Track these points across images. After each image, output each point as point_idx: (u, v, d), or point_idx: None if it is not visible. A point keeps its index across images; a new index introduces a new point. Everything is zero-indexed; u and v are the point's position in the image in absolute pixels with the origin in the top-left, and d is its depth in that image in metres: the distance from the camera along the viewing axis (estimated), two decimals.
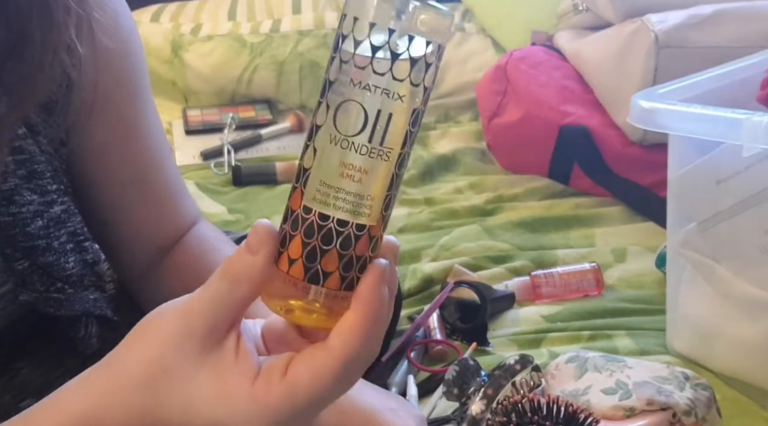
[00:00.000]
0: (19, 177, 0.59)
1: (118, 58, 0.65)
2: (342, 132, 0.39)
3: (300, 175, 0.40)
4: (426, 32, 0.38)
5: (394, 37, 0.37)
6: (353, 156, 0.39)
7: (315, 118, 0.40)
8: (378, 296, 0.40)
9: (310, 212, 0.40)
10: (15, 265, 0.60)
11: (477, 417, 0.84)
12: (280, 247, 0.41)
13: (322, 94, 0.39)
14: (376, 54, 0.37)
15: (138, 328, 0.43)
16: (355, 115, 0.38)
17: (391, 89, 0.38)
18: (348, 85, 0.38)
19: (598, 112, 1.53)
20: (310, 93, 1.98)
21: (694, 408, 0.85)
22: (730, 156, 0.92)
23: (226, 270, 0.41)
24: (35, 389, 0.69)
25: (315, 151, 0.39)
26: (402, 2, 0.37)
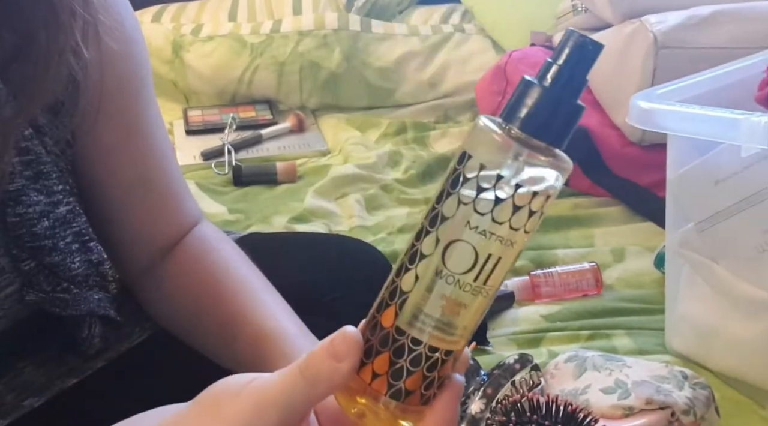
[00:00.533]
0: (26, 178, 0.60)
1: (122, 59, 0.65)
2: (450, 269, 0.39)
3: (395, 294, 0.40)
4: (546, 188, 0.39)
5: (519, 191, 0.38)
6: (457, 292, 0.40)
7: (420, 245, 0.39)
8: (453, 414, 0.42)
9: (403, 334, 0.40)
10: (21, 265, 0.60)
11: (476, 416, 0.85)
12: (364, 357, 0.41)
13: (431, 224, 0.39)
14: (497, 204, 0.38)
15: (206, 403, 0.41)
16: (467, 257, 0.39)
17: (506, 237, 0.39)
18: (464, 227, 0.39)
19: (597, 113, 1.53)
20: (311, 93, 1.98)
21: (693, 407, 0.86)
22: (728, 156, 0.92)
23: (308, 367, 0.40)
24: (37, 389, 0.70)
25: (417, 279, 0.40)
26: (529, 154, 0.38)
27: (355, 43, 1.97)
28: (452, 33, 2.02)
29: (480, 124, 0.39)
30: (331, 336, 0.41)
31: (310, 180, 1.65)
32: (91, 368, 0.72)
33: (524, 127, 0.38)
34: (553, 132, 0.39)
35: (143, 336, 0.76)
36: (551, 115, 0.39)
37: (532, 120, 0.39)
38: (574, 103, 0.39)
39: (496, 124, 0.39)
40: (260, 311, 0.66)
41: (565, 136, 0.40)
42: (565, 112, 0.39)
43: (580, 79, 0.39)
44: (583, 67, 0.39)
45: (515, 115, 0.39)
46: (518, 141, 0.38)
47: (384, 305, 0.41)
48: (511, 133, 0.39)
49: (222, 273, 0.70)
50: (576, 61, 0.39)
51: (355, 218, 1.49)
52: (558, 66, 0.39)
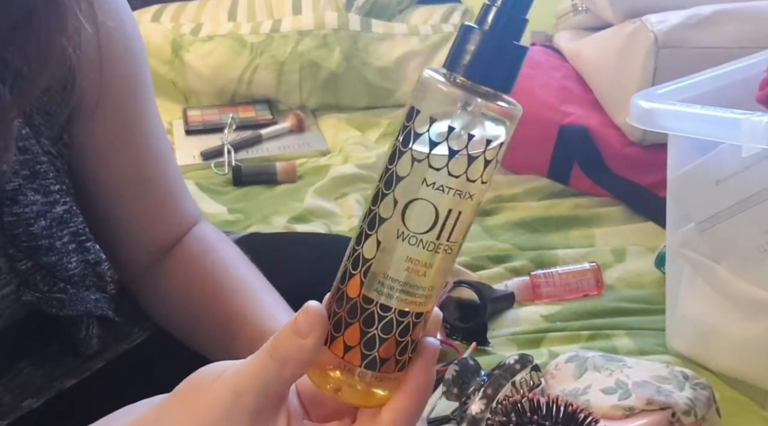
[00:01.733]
0: (23, 177, 0.59)
1: (120, 57, 0.65)
2: (411, 229, 0.38)
3: (359, 262, 0.39)
4: (501, 134, 0.38)
5: (472, 141, 0.37)
6: (420, 252, 0.39)
7: (378, 209, 0.38)
8: (429, 378, 0.42)
9: (371, 302, 0.40)
10: (18, 265, 0.60)
11: (477, 416, 0.84)
12: (333, 331, 0.41)
13: (387, 186, 0.38)
14: (452, 157, 0.37)
15: (185, 392, 0.42)
16: (427, 215, 0.38)
17: (464, 190, 0.38)
18: (420, 185, 0.37)
19: (597, 113, 1.53)
20: (310, 93, 1.98)
21: (694, 407, 0.85)
22: (729, 156, 0.92)
23: (275, 348, 0.40)
24: (36, 389, 0.69)
25: (378, 244, 0.39)
26: (477, 103, 0.37)
27: (355, 42, 1.97)
28: (452, 33, 2.01)
29: (424, 75, 0.38)
30: (295, 314, 0.41)
31: (309, 180, 1.65)
32: (90, 369, 0.72)
33: (468, 74, 0.38)
34: (498, 77, 0.38)
35: (142, 337, 0.76)
36: (494, 60, 0.38)
37: (475, 66, 0.38)
38: (516, 45, 0.39)
39: (440, 74, 0.38)
40: (260, 311, 0.66)
41: (512, 80, 0.39)
42: (507, 56, 0.38)
43: (520, 19, 0.39)
44: (521, 6, 0.39)
45: (458, 62, 0.38)
46: (464, 89, 0.37)
47: (348, 275, 0.40)
48: (456, 81, 0.38)
49: (221, 273, 0.70)
50: (514, 1, 0.38)
51: (355, 218, 1.49)
52: (496, 8, 0.38)
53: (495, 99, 0.38)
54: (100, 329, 0.67)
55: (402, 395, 0.41)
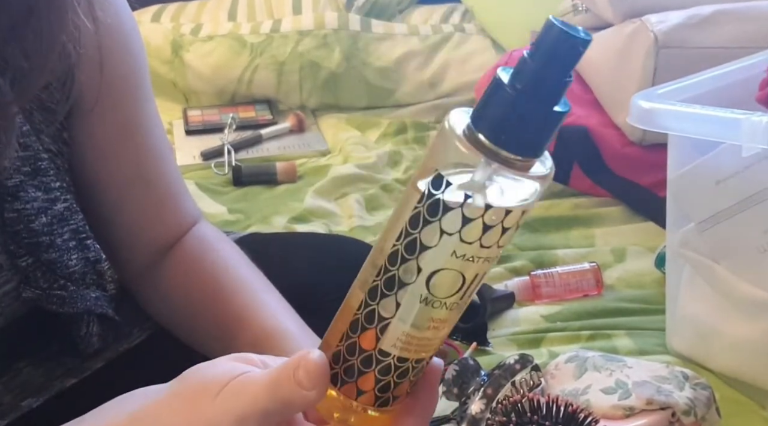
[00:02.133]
0: (24, 173, 0.60)
1: (119, 56, 0.65)
2: (436, 295, 0.37)
3: (374, 318, 0.38)
4: (529, 199, 0.37)
5: (509, 215, 0.36)
6: (443, 312, 0.38)
7: (398, 271, 0.37)
8: (435, 397, 0.42)
9: (388, 355, 0.39)
10: (19, 261, 0.60)
11: (477, 416, 0.84)
12: (344, 375, 0.40)
13: (409, 251, 0.36)
14: (486, 231, 0.35)
15: (184, 397, 0.41)
16: (453, 282, 0.37)
17: (492, 256, 0.37)
18: (449, 256, 0.36)
19: (597, 112, 1.53)
20: (310, 93, 1.98)
21: (694, 407, 0.85)
22: (729, 156, 0.92)
23: (277, 387, 0.39)
24: (36, 389, 0.69)
25: (398, 306, 0.38)
26: (507, 177, 0.35)
27: (355, 42, 1.97)
28: (452, 33, 2.01)
29: (449, 129, 0.35)
30: (296, 360, 0.40)
31: (310, 180, 1.65)
32: (90, 368, 0.72)
33: (505, 145, 0.34)
34: (529, 145, 0.35)
35: (142, 336, 0.76)
36: (525, 126, 0.34)
37: (507, 135, 0.34)
38: (552, 109, 0.34)
39: (467, 136, 0.35)
40: (260, 311, 0.66)
41: (543, 146, 0.35)
42: (540, 122, 0.34)
43: (560, 80, 0.34)
44: (564, 66, 0.33)
45: (489, 125, 0.34)
46: (495, 157, 0.34)
47: (362, 328, 0.39)
48: (485, 148, 0.34)
49: (221, 272, 0.70)
50: (556, 60, 0.33)
51: (355, 218, 1.49)
52: (534, 65, 0.33)
53: (525, 167, 0.35)
54: (101, 327, 0.67)
55: (412, 417, 0.42)
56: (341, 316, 0.41)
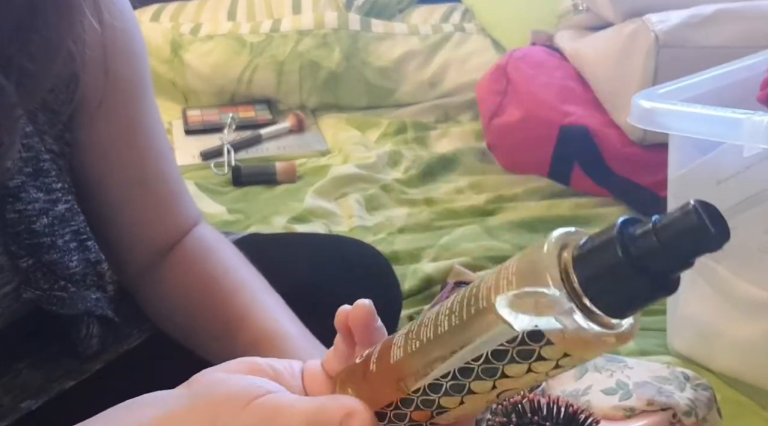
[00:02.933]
0: (26, 174, 0.59)
1: (123, 58, 0.65)
2: (499, 400, 0.39)
3: (433, 405, 0.40)
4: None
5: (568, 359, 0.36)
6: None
7: (470, 383, 0.38)
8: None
9: (435, 423, 0.41)
10: (20, 262, 0.60)
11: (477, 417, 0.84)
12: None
13: (488, 375, 0.37)
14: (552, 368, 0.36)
15: (203, 409, 0.39)
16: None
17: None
18: (527, 383, 0.37)
19: (598, 112, 1.53)
20: (310, 93, 1.98)
21: (695, 408, 0.85)
22: (730, 156, 0.92)
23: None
24: (35, 391, 0.69)
25: (461, 403, 0.39)
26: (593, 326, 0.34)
27: (354, 42, 1.96)
28: (452, 32, 2.01)
29: (546, 264, 0.34)
30: (339, 406, 0.39)
31: (309, 180, 1.65)
32: (89, 370, 0.72)
33: (593, 297, 0.33)
34: (616, 308, 0.33)
35: (141, 338, 0.76)
36: (622, 292, 0.33)
37: (610, 302, 0.33)
38: (656, 288, 0.32)
39: (560, 269, 0.33)
40: (259, 312, 0.66)
41: (629, 313, 0.34)
42: (639, 295, 0.33)
43: (677, 265, 0.32)
44: (687, 254, 0.32)
45: (588, 273, 0.33)
46: (577, 301, 0.33)
47: (416, 407, 0.40)
48: (573, 289, 0.33)
49: (221, 274, 0.69)
50: (681, 245, 0.31)
51: (355, 218, 1.49)
52: (657, 241, 0.31)
53: (601, 322, 0.34)
54: (100, 329, 0.67)
55: None
56: (385, 380, 0.41)
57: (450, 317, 0.38)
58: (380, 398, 0.41)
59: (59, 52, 0.55)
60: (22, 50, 0.54)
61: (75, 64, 0.59)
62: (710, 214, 0.31)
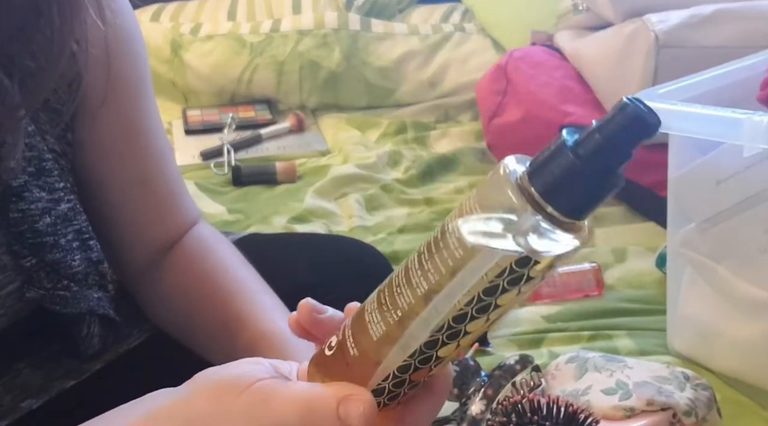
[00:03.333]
0: (28, 174, 0.60)
1: (124, 57, 0.65)
2: (490, 328, 0.41)
3: (431, 360, 0.40)
4: (561, 259, 0.38)
5: (556, 271, 0.38)
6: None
7: (465, 327, 0.39)
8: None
9: (432, 376, 0.42)
10: (23, 262, 0.60)
11: (477, 417, 0.84)
12: (387, 401, 0.42)
13: (481, 312, 0.38)
14: (541, 281, 0.38)
15: (203, 391, 0.40)
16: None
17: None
18: (515, 304, 0.39)
19: (598, 112, 1.53)
20: (310, 93, 1.98)
21: (695, 408, 0.85)
22: (730, 156, 0.92)
23: (309, 416, 0.39)
24: (36, 390, 0.69)
25: (458, 346, 0.40)
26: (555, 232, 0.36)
27: (354, 42, 1.97)
28: (452, 32, 2.01)
29: (503, 184, 0.36)
30: (343, 394, 0.39)
31: (309, 180, 1.65)
32: (90, 370, 0.72)
33: (553, 202, 0.36)
34: (576, 208, 0.36)
35: (141, 338, 0.76)
36: (577, 191, 0.36)
37: (559, 195, 0.36)
38: (607, 182, 0.36)
39: (519, 186, 0.36)
40: (258, 313, 0.66)
41: (588, 212, 0.37)
42: (593, 190, 0.36)
43: (623, 155, 0.36)
44: (629, 142, 0.36)
45: (544, 181, 0.36)
46: (541, 211, 0.36)
47: (414, 368, 0.41)
48: (534, 201, 0.36)
49: (220, 274, 0.70)
50: (622, 136, 0.35)
51: (355, 218, 1.49)
52: (601, 138, 0.35)
53: (566, 226, 0.36)
54: (101, 328, 0.67)
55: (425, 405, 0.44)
56: (373, 359, 0.41)
57: (427, 275, 0.38)
58: (371, 378, 0.41)
59: (62, 51, 0.55)
60: (25, 50, 0.54)
61: (78, 64, 0.59)
62: (642, 106, 0.34)
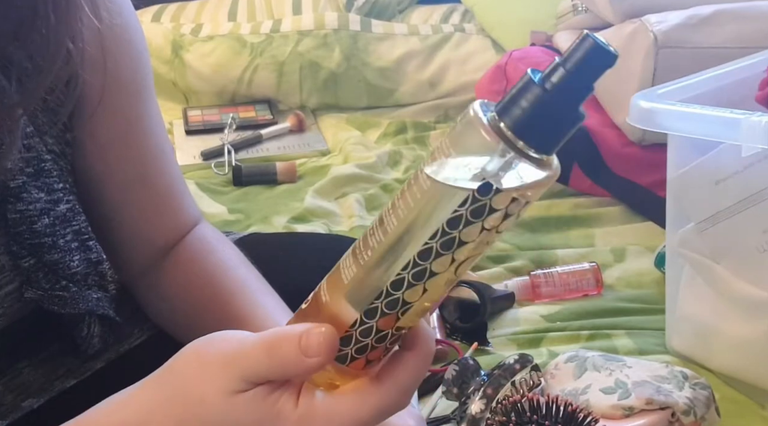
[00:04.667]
0: (27, 175, 0.60)
1: (124, 57, 0.65)
2: (459, 277, 0.40)
3: (397, 305, 0.41)
4: (534, 196, 0.39)
5: (522, 205, 0.38)
6: (450, 286, 0.41)
7: (430, 265, 0.39)
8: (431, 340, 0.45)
9: (401, 329, 0.42)
10: (21, 262, 0.60)
11: (476, 416, 0.85)
12: (355, 354, 0.42)
13: (446, 248, 0.38)
14: (506, 219, 0.38)
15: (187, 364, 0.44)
16: (471, 264, 0.40)
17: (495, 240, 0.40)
18: (482, 245, 0.39)
19: (597, 112, 1.53)
20: (310, 93, 1.98)
21: (693, 407, 0.86)
22: (728, 156, 0.92)
23: (274, 349, 0.41)
24: (36, 390, 0.70)
25: (425, 291, 0.40)
26: (522, 166, 0.37)
27: (355, 42, 1.97)
28: (452, 33, 2.01)
29: (474, 123, 0.37)
30: (306, 328, 0.41)
31: (310, 180, 1.65)
32: (90, 369, 0.72)
33: (525, 137, 0.37)
34: (545, 141, 0.38)
35: (142, 337, 0.76)
36: (546, 123, 0.37)
37: (529, 129, 0.37)
38: (574, 112, 0.38)
39: (491, 124, 0.37)
40: (259, 312, 0.66)
41: (557, 144, 0.38)
42: (560, 122, 0.38)
43: (586, 87, 0.37)
44: (591, 74, 0.37)
45: (513, 117, 0.37)
46: (514, 147, 0.37)
47: (381, 313, 0.41)
48: (506, 138, 0.37)
49: (221, 274, 0.70)
50: (585, 68, 0.37)
51: (355, 218, 1.49)
52: (564, 70, 0.37)
53: (537, 161, 0.38)
54: (102, 328, 0.67)
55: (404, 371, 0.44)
56: (342, 302, 0.42)
57: (397, 212, 0.39)
58: (342, 322, 0.42)
59: (59, 51, 0.55)
60: (22, 50, 0.54)
61: (75, 64, 0.59)
62: (600, 39, 0.36)
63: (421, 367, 0.44)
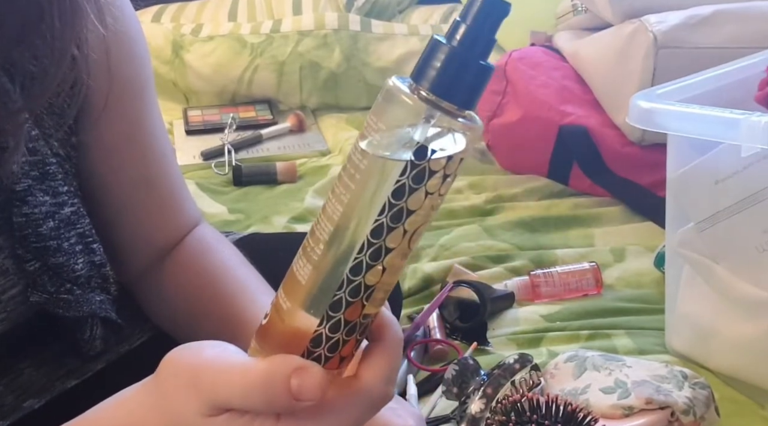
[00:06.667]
0: (32, 178, 0.60)
1: (126, 60, 0.65)
2: (411, 249, 0.41)
3: (360, 291, 0.40)
4: (464, 149, 0.40)
5: (452, 161, 0.39)
6: (406, 260, 0.41)
7: (384, 242, 0.39)
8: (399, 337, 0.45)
9: (368, 317, 0.42)
10: (26, 265, 0.60)
11: (476, 416, 0.85)
12: (328, 353, 0.42)
13: (395, 220, 0.39)
14: (445, 180, 0.39)
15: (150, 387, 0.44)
16: (423, 232, 0.40)
17: (440, 203, 0.41)
18: (429, 211, 0.40)
19: (597, 112, 1.53)
20: (310, 93, 1.98)
21: (693, 407, 0.86)
22: (728, 156, 0.92)
23: (267, 387, 0.40)
24: (38, 390, 0.70)
25: (384, 270, 0.40)
26: (450, 122, 0.39)
27: (355, 43, 1.97)
28: None
29: (396, 93, 0.39)
30: (295, 367, 0.40)
31: (310, 180, 1.66)
32: (91, 370, 0.72)
33: (444, 95, 0.38)
34: (462, 93, 0.39)
35: (143, 338, 0.76)
36: (461, 78, 0.39)
37: (446, 87, 0.38)
38: (482, 64, 0.39)
39: (411, 90, 0.39)
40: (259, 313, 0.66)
41: (475, 97, 0.39)
42: (473, 74, 0.39)
43: (488, 38, 0.39)
44: (490, 26, 0.39)
45: (430, 78, 0.39)
46: (438, 107, 0.38)
47: (346, 304, 0.40)
48: (428, 100, 0.38)
49: (221, 274, 0.70)
50: (483, 20, 0.39)
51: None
52: (466, 25, 0.39)
53: (462, 117, 0.39)
54: (104, 330, 0.68)
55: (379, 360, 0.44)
56: (304, 303, 0.41)
57: (339, 198, 0.40)
58: (308, 325, 0.41)
59: (64, 56, 0.56)
60: (27, 54, 0.55)
61: (79, 68, 0.60)
62: None
63: (394, 353, 0.43)
